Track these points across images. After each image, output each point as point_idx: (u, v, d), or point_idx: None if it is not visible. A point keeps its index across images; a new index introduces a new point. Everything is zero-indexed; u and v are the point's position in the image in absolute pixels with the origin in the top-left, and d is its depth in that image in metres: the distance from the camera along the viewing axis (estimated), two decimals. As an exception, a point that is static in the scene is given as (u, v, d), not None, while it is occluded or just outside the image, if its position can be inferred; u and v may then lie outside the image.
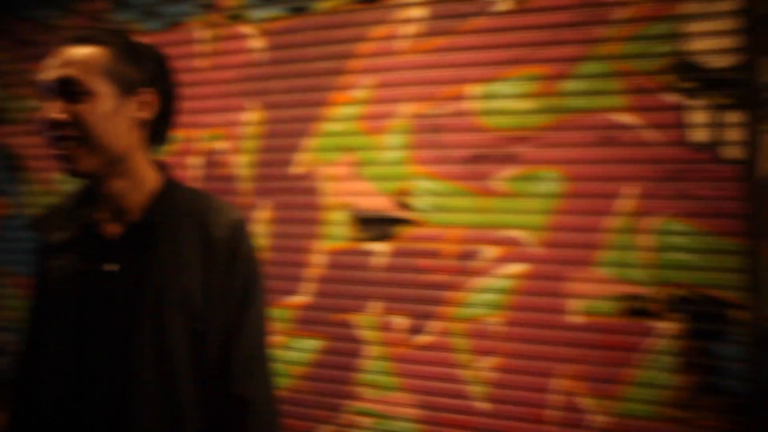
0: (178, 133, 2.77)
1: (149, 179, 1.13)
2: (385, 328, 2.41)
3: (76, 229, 1.13)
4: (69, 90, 1.03)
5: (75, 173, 1.06)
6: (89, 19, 2.95)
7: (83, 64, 1.03)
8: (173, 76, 1.16)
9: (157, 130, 1.15)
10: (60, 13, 3.05)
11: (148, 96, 1.10)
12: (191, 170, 2.77)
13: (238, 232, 1.11)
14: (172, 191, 1.14)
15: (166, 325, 1.05)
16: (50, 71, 1.05)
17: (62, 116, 1.02)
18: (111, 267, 1.08)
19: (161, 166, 1.18)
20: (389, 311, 2.41)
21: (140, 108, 1.09)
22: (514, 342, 2.22)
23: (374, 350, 2.43)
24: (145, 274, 1.06)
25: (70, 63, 1.04)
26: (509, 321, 2.23)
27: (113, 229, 1.12)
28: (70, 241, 1.13)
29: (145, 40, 2.75)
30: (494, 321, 2.25)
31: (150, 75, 1.10)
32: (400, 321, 2.39)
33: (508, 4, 2.22)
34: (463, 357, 2.29)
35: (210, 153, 2.73)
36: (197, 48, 2.71)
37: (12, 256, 3.10)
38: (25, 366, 1.18)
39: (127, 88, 1.07)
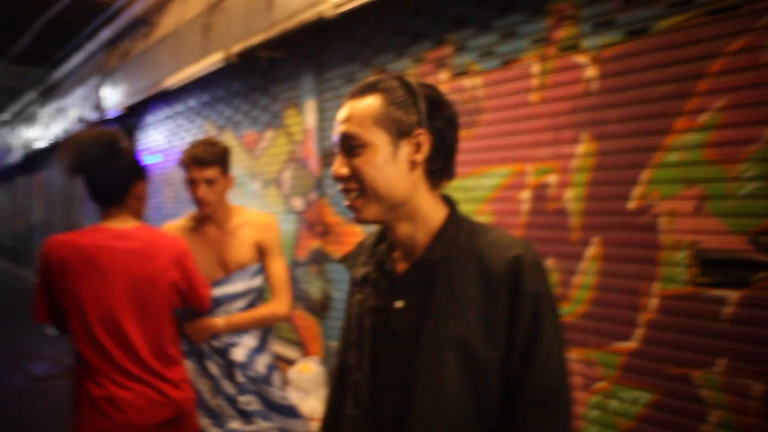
0: (509, 168, 2.95)
1: (434, 218, 1.15)
2: (734, 391, 2.13)
3: (374, 266, 1.22)
4: (348, 144, 1.10)
5: (361, 222, 1.14)
6: (435, 66, 3.38)
7: (357, 117, 1.10)
8: (448, 111, 1.15)
9: (438, 167, 1.15)
10: (411, 63, 3.55)
11: (422, 137, 1.10)
12: (520, 204, 2.90)
13: (520, 267, 1.05)
14: (452, 228, 1.14)
15: (443, 366, 1.06)
16: (336, 128, 1.14)
17: (344, 171, 1.11)
18: (398, 304, 1.14)
19: (447, 202, 1.20)
20: (740, 372, 2.12)
21: (415, 149, 1.11)
22: None
23: (717, 415, 2.15)
24: (425, 312, 1.09)
25: (347, 118, 1.11)
26: None
27: (402, 267, 1.18)
28: (368, 277, 1.22)
29: (482, 79, 3.05)
30: None
31: (422, 115, 1.10)
32: (755, 386, 2.08)
33: None
34: None
35: (539, 187, 2.83)
36: (530, 82, 2.85)
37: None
38: (333, 392, 1.31)
39: (400, 132, 1.09)
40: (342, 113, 1.13)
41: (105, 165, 1.91)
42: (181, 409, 1.98)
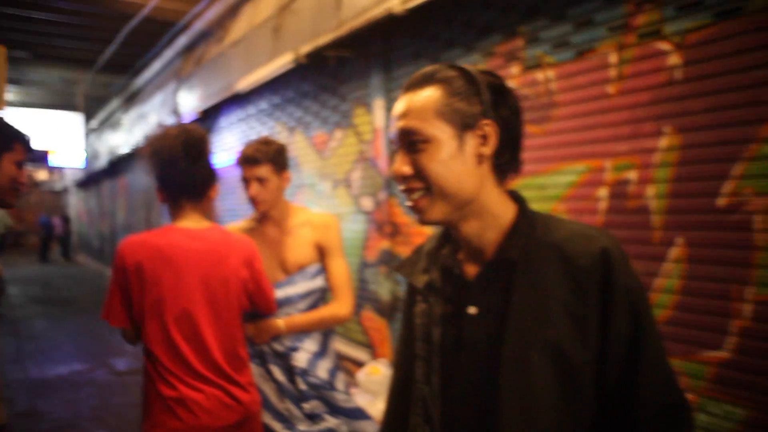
0: (585, 164, 2.80)
1: (503, 214, 1.08)
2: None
3: (438, 271, 1.14)
4: (409, 141, 1.03)
5: (426, 223, 1.06)
6: (506, 60, 3.26)
7: (417, 111, 1.02)
8: (512, 99, 1.06)
9: (505, 161, 1.07)
10: (481, 57, 3.45)
11: (488, 128, 1.03)
12: (598, 202, 2.76)
13: (609, 260, 0.97)
14: (526, 223, 1.06)
15: (533, 373, 0.97)
16: (394, 124, 1.07)
17: (406, 169, 1.03)
18: (472, 310, 1.06)
19: (515, 198, 1.12)
20: None
21: (482, 142, 1.03)
22: None
23: (825, 435, 1.96)
24: (505, 316, 1.01)
25: (406, 113, 1.04)
26: None
27: (472, 270, 1.09)
28: (432, 284, 1.13)
29: (556, 71, 2.92)
30: None
31: (486, 105, 1.03)
32: None
33: None
34: None
35: (618, 184, 2.67)
36: (607, 73, 2.70)
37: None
38: (393, 409, 1.26)
39: (464, 124, 1.02)
40: (399, 107, 1.06)
41: (192, 162, 1.94)
42: (248, 412, 1.98)
